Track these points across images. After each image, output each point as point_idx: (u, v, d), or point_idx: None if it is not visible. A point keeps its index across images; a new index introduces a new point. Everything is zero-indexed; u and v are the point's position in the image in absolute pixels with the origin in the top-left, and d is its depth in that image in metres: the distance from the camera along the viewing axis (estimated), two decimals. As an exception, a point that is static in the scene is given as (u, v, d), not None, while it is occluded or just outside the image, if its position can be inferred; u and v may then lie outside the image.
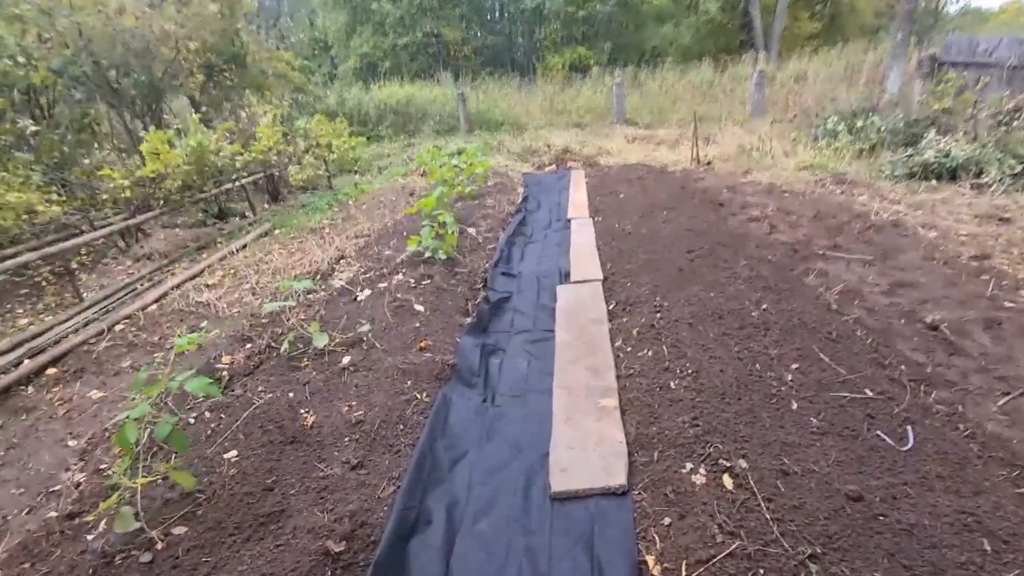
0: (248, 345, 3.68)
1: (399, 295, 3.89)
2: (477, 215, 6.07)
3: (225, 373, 3.31)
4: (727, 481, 2.06)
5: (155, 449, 2.53)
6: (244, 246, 6.21)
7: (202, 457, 2.42)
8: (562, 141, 11.26)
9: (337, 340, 3.34)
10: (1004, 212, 5.35)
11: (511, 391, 3.02)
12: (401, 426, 2.57)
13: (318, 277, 4.87)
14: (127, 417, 1.94)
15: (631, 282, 4.03)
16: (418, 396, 2.81)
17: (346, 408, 2.68)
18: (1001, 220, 5.16)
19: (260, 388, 2.94)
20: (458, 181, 6.92)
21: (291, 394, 2.84)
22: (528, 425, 2.69)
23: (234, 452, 2.43)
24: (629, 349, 3.14)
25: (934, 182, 6.55)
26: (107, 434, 2.94)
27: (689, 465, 2.16)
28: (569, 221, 5.91)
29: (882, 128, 7.89)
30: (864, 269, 4.27)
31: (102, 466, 2.65)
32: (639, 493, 2.12)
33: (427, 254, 4.53)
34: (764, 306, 3.42)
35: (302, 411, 2.68)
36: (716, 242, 4.66)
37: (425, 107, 14.82)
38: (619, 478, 2.19)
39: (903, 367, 2.92)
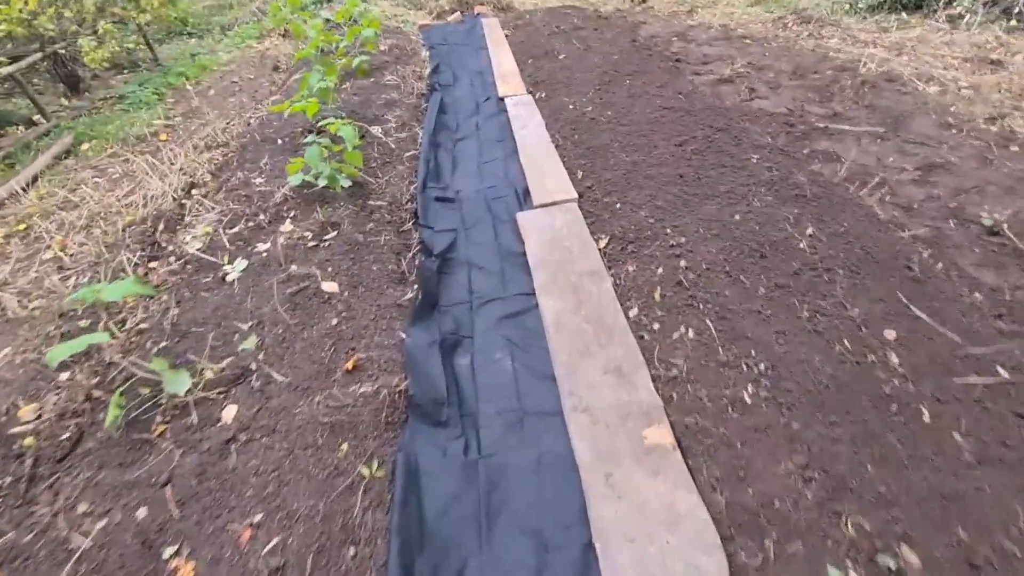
0: (63, 378, 2.31)
1: (294, 267, 2.56)
2: (377, 102, 4.43)
3: (27, 446, 2.00)
4: (903, 600, 1.33)
5: None
6: (35, 179, 4.21)
7: None
8: (460, -24, 8.93)
9: (208, 376, 2.07)
10: (990, 53, 4.72)
11: (500, 417, 2.04)
12: (352, 550, 1.55)
13: (160, 230, 3.29)
14: None
15: (620, 201, 2.97)
16: (365, 471, 1.75)
17: (247, 532, 1.58)
18: (992, 63, 4.53)
19: (85, 502, 1.72)
20: (339, 49, 5.04)
21: (142, 512, 1.66)
22: (542, 484, 1.78)
23: None
24: (656, 327, 2.20)
25: (903, 15, 5.72)
26: None
27: (835, 574, 1.39)
28: (502, 100, 4.49)
29: (840, -55, 6.70)
30: (879, 146, 3.49)
31: None
32: (765, 629, 1.35)
33: (321, 182, 3.09)
34: (809, 230, 2.56)
35: (167, 554, 1.55)
36: (706, 124, 3.60)
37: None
38: (727, 604, 1.40)
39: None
